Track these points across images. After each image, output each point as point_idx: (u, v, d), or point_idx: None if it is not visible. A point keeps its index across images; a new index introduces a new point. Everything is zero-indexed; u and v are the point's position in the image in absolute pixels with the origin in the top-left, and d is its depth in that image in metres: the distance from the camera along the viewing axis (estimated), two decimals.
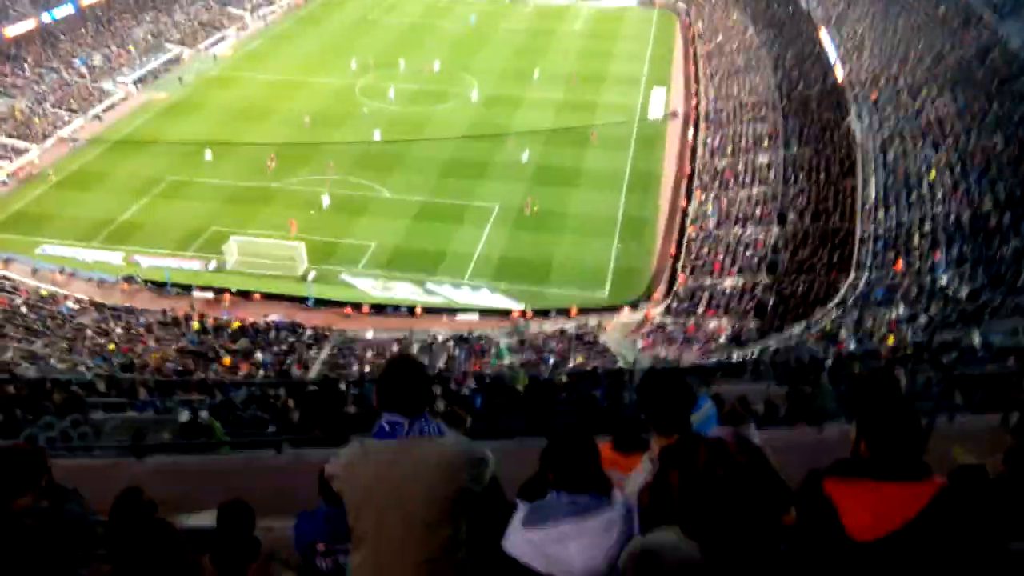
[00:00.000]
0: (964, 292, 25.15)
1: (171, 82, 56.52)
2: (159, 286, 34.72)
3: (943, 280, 27.08)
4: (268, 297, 33.98)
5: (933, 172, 34.11)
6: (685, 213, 40.57)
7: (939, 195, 32.77)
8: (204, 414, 14.46)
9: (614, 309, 33.86)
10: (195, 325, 31.02)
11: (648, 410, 3.74)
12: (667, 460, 3.38)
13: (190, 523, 5.85)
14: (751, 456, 3.36)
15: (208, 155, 44.71)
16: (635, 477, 4.02)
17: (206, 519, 5.17)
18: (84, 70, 55.73)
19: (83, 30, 60.06)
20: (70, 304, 32.72)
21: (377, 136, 46.77)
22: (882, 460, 2.89)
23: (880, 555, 2.83)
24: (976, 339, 16.97)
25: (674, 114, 51.87)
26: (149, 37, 62.55)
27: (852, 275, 30.17)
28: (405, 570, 3.19)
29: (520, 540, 3.16)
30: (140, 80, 56.46)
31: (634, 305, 34.12)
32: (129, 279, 34.99)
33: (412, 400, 3.34)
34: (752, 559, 2.96)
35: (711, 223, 39.43)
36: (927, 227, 31.18)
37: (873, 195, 34.78)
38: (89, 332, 29.95)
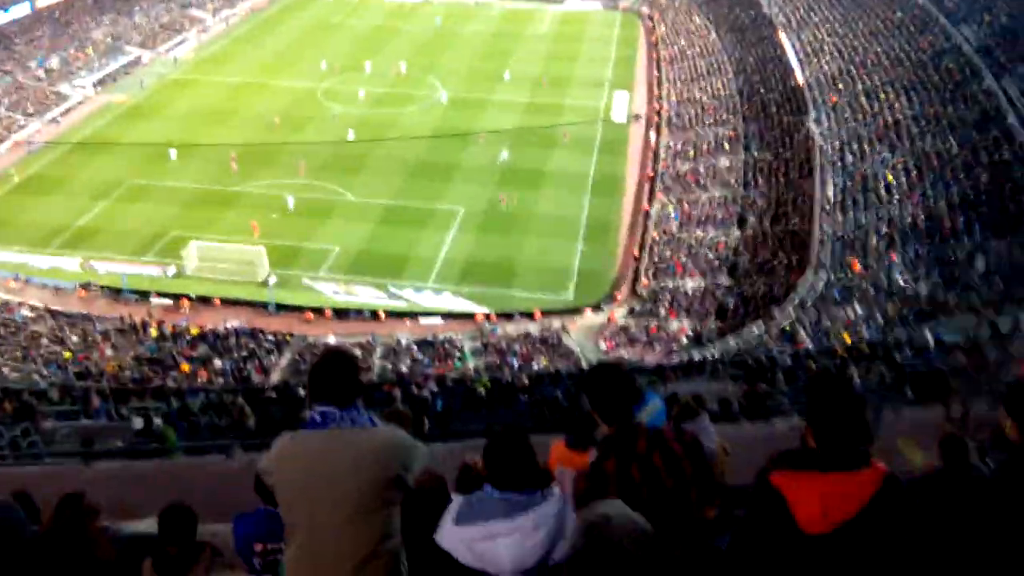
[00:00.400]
0: (923, 291, 25.60)
1: (131, 85, 55.73)
2: (116, 292, 34.16)
3: (899, 280, 27.56)
4: (228, 303, 33.57)
5: (890, 175, 34.73)
6: (648, 215, 40.86)
7: (895, 197, 33.37)
8: (158, 421, 14.28)
9: (578, 311, 33.98)
10: (153, 332, 30.56)
11: (591, 398, 3.77)
12: (606, 448, 3.41)
13: (135, 528, 5.77)
14: (687, 446, 3.40)
15: (173, 155, 44.21)
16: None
17: (152, 524, 5.11)
18: (41, 73, 54.76)
19: (40, 32, 59.00)
20: (24, 312, 32.09)
21: (351, 136, 46.58)
22: (829, 451, 2.90)
23: (833, 546, 2.82)
24: (929, 337, 17.30)
25: (637, 117, 52.23)
26: (108, 39, 61.62)
27: (810, 276, 30.61)
28: (338, 559, 3.16)
29: (451, 535, 3.17)
30: (99, 82, 55.57)
31: (597, 307, 34.27)
32: (86, 285, 34.38)
33: (342, 391, 3.34)
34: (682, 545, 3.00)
35: (673, 226, 39.76)
36: (884, 228, 31.72)
37: (831, 197, 35.32)
38: (44, 340, 29.40)
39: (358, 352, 29.89)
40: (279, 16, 71.34)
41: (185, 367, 27.27)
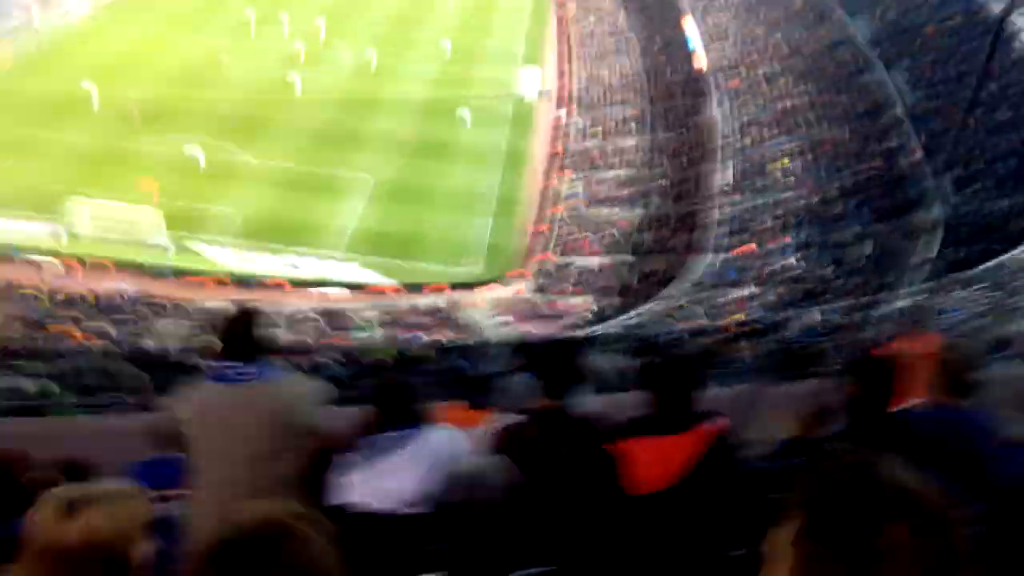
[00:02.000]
0: (816, 273, 26.84)
1: (24, 36, 52.11)
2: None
3: (791, 262, 28.86)
4: (122, 266, 32.32)
5: (786, 159, 36.17)
6: (555, 191, 41.33)
7: (790, 181, 34.81)
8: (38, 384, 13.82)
9: (486, 284, 34.21)
10: (42, 298, 29.24)
11: (541, 373, 3.94)
12: (536, 418, 3.59)
13: None
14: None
15: (95, 98, 42.37)
16: (482, 430, 4.32)
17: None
18: None
19: None
20: None
21: (298, 90, 46.15)
22: (666, 415, 3.19)
23: (667, 501, 3.08)
24: (817, 316, 18.27)
25: (546, 93, 52.46)
26: None
27: (707, 256, 31.71)
28: (250, 494, 3.35)
29: (355, 483, 3.34)
30: None
31: (505, 281, 34.58)
32: None
33: (253, 347, 3.50)
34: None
35: (580, 202, 40.36)
36: (778, 212, 33.08)
37: (729, 180, 36.55)
38: None
39: None
40: None
41: (75, 332, 26.23)
